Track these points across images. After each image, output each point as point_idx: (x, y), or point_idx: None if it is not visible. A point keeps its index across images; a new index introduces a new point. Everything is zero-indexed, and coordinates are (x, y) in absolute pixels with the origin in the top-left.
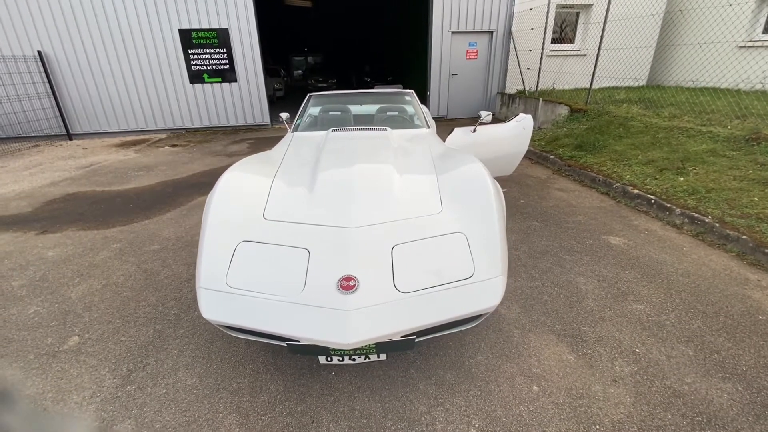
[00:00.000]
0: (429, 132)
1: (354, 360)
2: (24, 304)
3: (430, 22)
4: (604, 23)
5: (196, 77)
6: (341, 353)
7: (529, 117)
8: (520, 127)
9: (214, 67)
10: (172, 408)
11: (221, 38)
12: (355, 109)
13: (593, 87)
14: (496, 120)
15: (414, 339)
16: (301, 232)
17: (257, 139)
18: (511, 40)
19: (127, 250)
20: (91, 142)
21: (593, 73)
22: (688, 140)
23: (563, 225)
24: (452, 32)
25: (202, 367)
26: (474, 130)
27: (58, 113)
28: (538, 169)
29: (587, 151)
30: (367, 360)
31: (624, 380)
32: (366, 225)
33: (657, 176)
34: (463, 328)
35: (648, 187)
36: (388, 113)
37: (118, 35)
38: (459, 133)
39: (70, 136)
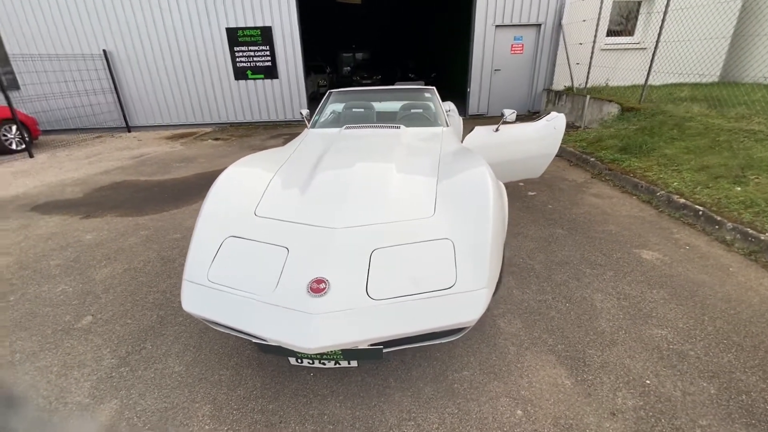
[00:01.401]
0: (445, 131)
1: (324, 364)
2: (55, 283)
3: (473, 16)
4: (665, 11)
5: (240, 74)
6: (310, 357)
7: (562, 116)
8: (550, 127)
9: (258, 64)
10: (155, 393)
11: (265, 36)
12: (379, 106)
13: (652, 83)
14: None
15: (381, 349)
16: (285, 231)
17: (294, 134)
18: (561, 34)
19: (153, 238)
20: (145, 134)
21: (649, 67)
22: (755, 145)
23: (591, 235)
24: (496, 26)
25: (191, 355)
26: (497, 130)
27: (119, 107)
28: (576, 172)
29: (632, 154)
30: (338, 365)
31: (624, 414)
32: (350, 226)
33: (710, 185)
34: (442, 341)
35: (697, 196)
36: (412, 110)
37: (172, 34)
38: (479, 132)
39: (128, 129)
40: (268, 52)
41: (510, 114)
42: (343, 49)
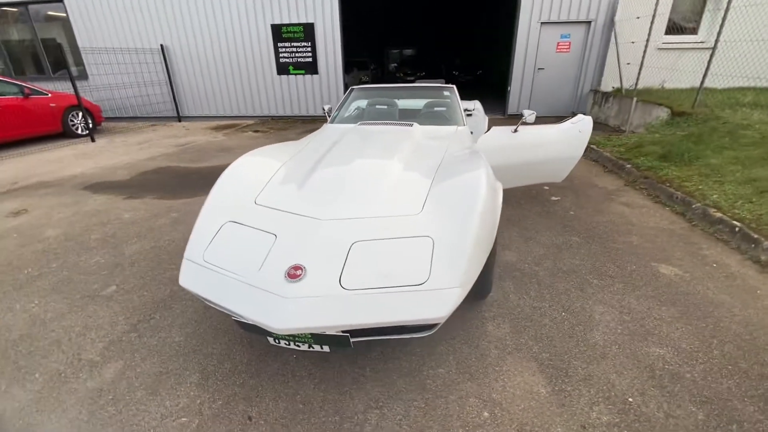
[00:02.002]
0: (459, 130)
1: (298, 346)
2: (92, 254)
3: (517, 12)
4: (727, 7)
5: (282, 69)
6: (287, 338)
7: (588, 119)
8: (575, 130)
9: (299, 60)
10: (155, 358)
11: (307, 32)
12: (402, 103)
13: (715, 86)
14: None
15: (348, 337)
16: (278, 219)
17: None
18: (613, 31)
19: (181, 220)
20: (193, 124)
21: (706, 68)
22: None
23: (608, 245)
24: (542, 23)
25: (191, 328)
26: (515, 130)
27: (172, 98)
28: (609, 179)
29: (672, 162)
30: (311, 349)
31: (595, 429)
32: (336, 219)
33: (754, 199)
34: (413, 336)
35: (737, 211)
36: (436, 108)
37: (222, 30)
38: (496, 133)
39: (179, 118)
40: (309, 49)
41: (529, 115)
42: (390, 46)
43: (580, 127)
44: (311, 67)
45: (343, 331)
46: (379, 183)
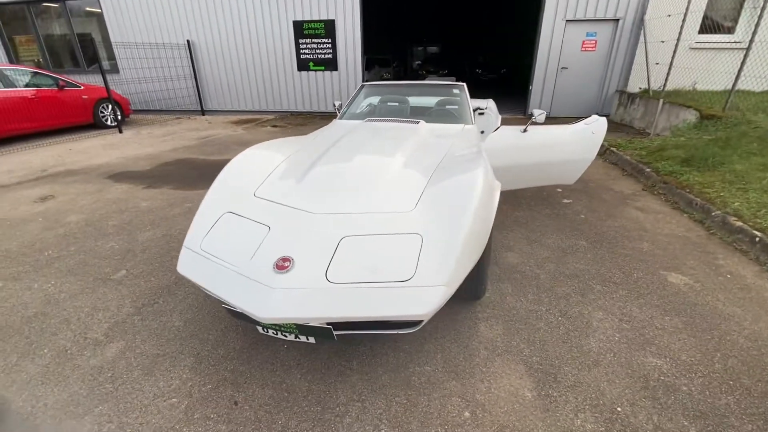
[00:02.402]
0: (466, 128)
1: (285, 336)
2: (108, 240)
3: (541, 9)
4: (764, 6)
5: (303, 65)
6: (274, 327)
7: (603, 120)
8: (588, 131)
9: (319, 56)
10: (154, 341)
11: (328, 29)
12: (414, 101)
13: (753, 89)
14: (612, 123)
15: (331, 329)
16: (273, 212)
17: None
18: (642, 30)
19: (194, 210)
20: (216, 118)
21: (739, 69)
22: None
23: (617, 250)
24: (566, 20)
25: (191, 314)
26: (524, 130)
27: (196, 92)
28: (626, 183)
29: (695, 168)
30: (298, 339)
31: None
32: (328, 213)
33: None
34: (398, 332)
35: (759, 220)
36: (447, 106)
37: (246, 26)
38: (504, 133)
39: (203, 112)
40: (329, 45)
41: (539, 114)
42: (414, 43)
43: (594, 128)
44: (331, 64)
45: (328, 323)
46: (376, 179)
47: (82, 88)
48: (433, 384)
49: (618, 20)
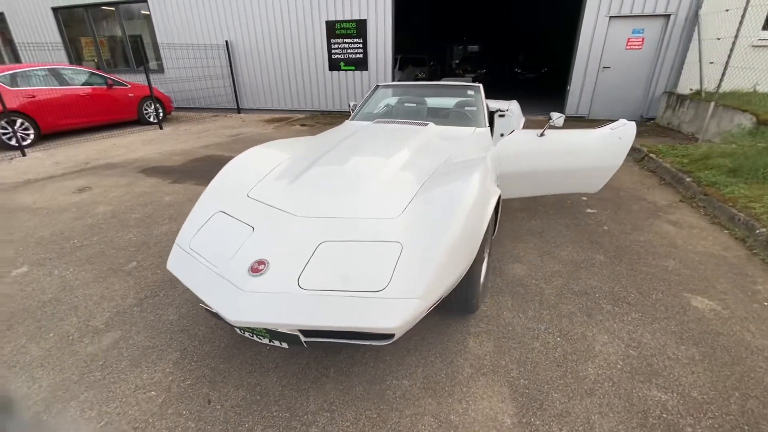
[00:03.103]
0: (477, 131)
1: (260, 339)
2: (128, 231)
3: (583, 5)
4: None
5: (334, 65)
6: (249, 330)
7: (632, 125)
8: (615, 137)
9: (350, 56)
10: (148, 332)
11: (359, 29)
12: (432, 102)
13: None
14: (658, 127)
15: (298, 336)
16: (260, 213)
17: None
18: (696, 26)
19: None
20: (250, 116)
21: None
22: None
23: (638, 267)
24: (610, 17)
25: (186, 309)
26: (541, 134)
27: (233, 91)
28: (662, 193)
29: (742, 179)
30: (272, 343)
31: None
32: (312, 216)
33: None
34: (371, 343)
35: None
36: (461, 108)
37: (280, 27)
38: (519, 137)
39: (239, 110)
40: (360, 45)
41: (557, 118)
42: (453, 42)
43: (621, 133)
44: (362, 64)
45: (300, 330)
46: (367, 183)
47: (129, 86)
48: (407, 400)
49: (669, 16)
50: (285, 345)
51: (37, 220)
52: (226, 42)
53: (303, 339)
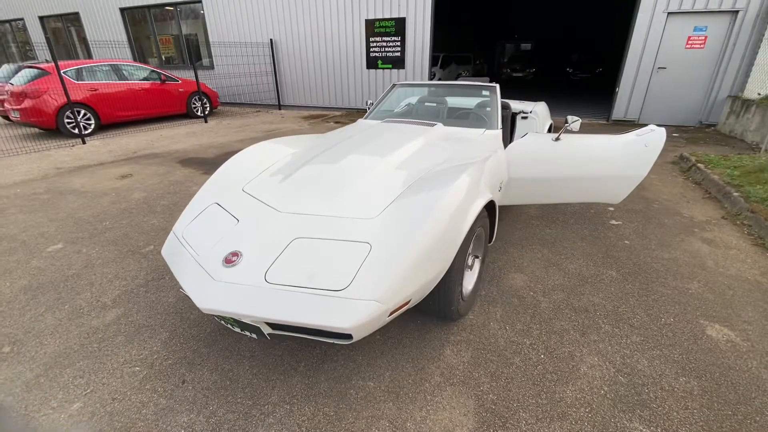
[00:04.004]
0: (487, 133)
1: (233, 327)
2: (153, 217)
3: (637, 1)
4: None
5: (372, 63)
6: (224, 319)
7: (661, 131)
8: (639, 144)
9: (388, 54)
10: (146, 312)
11: (398, 27)
12: (452, 101)
13: None
14: (718, 135)
15: (259, 328)
16: (248, 207)
17: None
18: None
19: None
20: (289, 112)
21: None
22: None
23: (653, 287)
24: (668, 13)
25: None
26: (557, 139)
27: (275, 87)
28: (704, 207)
29: None
30: (243, 332)
31: None
32: (293, 212)
33: None
34: (333, 341)
35: None
36: (474, 109)
37: (322, 25)
38: (531, 141)
39: (280, 107)
40: (399, 43)
41: (573, 122)
42: (503, 39)
43: (647, 140)
44: (399, 62)
45: (267, 323)
46: (354, 183)
47: (179, 82)
48: (368, 401)
49: (737, 12)
50: (254, 336)
51: (81, 202)
52: (271, 40)
53: (265, 331)
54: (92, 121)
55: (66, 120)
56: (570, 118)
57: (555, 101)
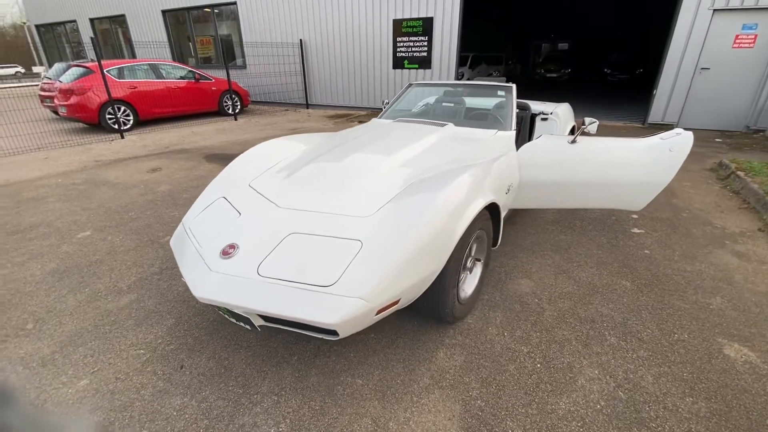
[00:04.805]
0: (498, 135)
1: (228, 317)
2: (175, 209)
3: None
4: None
5: (398, 63)
6: (221, 309)
7: (687, 135)
8: (663, 149)
9: (414, 54)
10: (157, 299)
11: (425, 27)
12: (470, 102)
13: None
14: (767, 140)
15: (249, 318)
16: (251, 201)
17: None
18: None
19: None
20: (316, 112)
21: None
22: None
23: (669, 301)
24: (714, 10)
25: None
26: (573, 141)
27: (303, 87)
28: (739, 218)
29: None
30: (238, 323)
31: None
32: (291, 208)
33: None
34: (323, 337)
35: None
36: (488, 109)
37: (350, 25)
38: (545, 144)
39: (307, 106)
40: (425, 43)
41: (590, 124)
42: (538, 39)
43: (672, 144)
44: (425, 62)
45: (259, 315)
46: (355, 181)
47: (213, 81)
48: (354, 399)
49: None
50: (248, 327)
51: (112, 193)
52: (300, 41)
53: (256, 323)
54: (131, 117)
55: (107, 116)
56: (587, 119)
57: (588, 103)
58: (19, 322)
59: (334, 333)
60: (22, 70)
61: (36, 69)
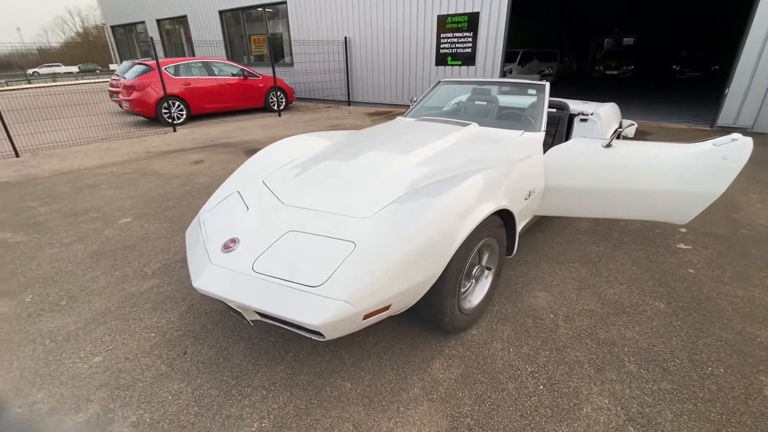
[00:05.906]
0: (524, 136)
1: (229, 310)
2: (199, 198)
3: None
4: None
5: (441, 60)
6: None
7: (746, 141)
8: (716, 156)
9: (458, 51)
10: (176, 285)
11: (471, 22)
12: (504, 100)
13: None
14: None
15: (241, 312)
16: (260, 196)
17: None
18: None
19: None
20: (357, 109)
21: None
22: None
23: (708, 329)
24: None
25: None
26: (607, 145)
27: (346, 84)
28: None
29: None
30: (237, 316)
31: None
32: (294, 206)
33: None
34: (311, 337)
35: None
36: (518, 109)
37: (394, 21)
38: (575, 147)
39: (349, 103)
40: (470, 39)
41: (628, 126)
42: (598, 34)
43: (726, 151)
44: (469, 58)
45: (256, 311)
46: (363, 180)
47: (260, 78)
48: (340, 402)
49: None
50: (244, 320)
51: (156, 183)
52: (345, 38)
53: (249, 318)
54: (184, 112)
55: (163, 110)
56: (625, 122)
57: (649, 102)
58: (56, 298)
59: (320, 334)
60: (99, 68)
61: (112, 66)
